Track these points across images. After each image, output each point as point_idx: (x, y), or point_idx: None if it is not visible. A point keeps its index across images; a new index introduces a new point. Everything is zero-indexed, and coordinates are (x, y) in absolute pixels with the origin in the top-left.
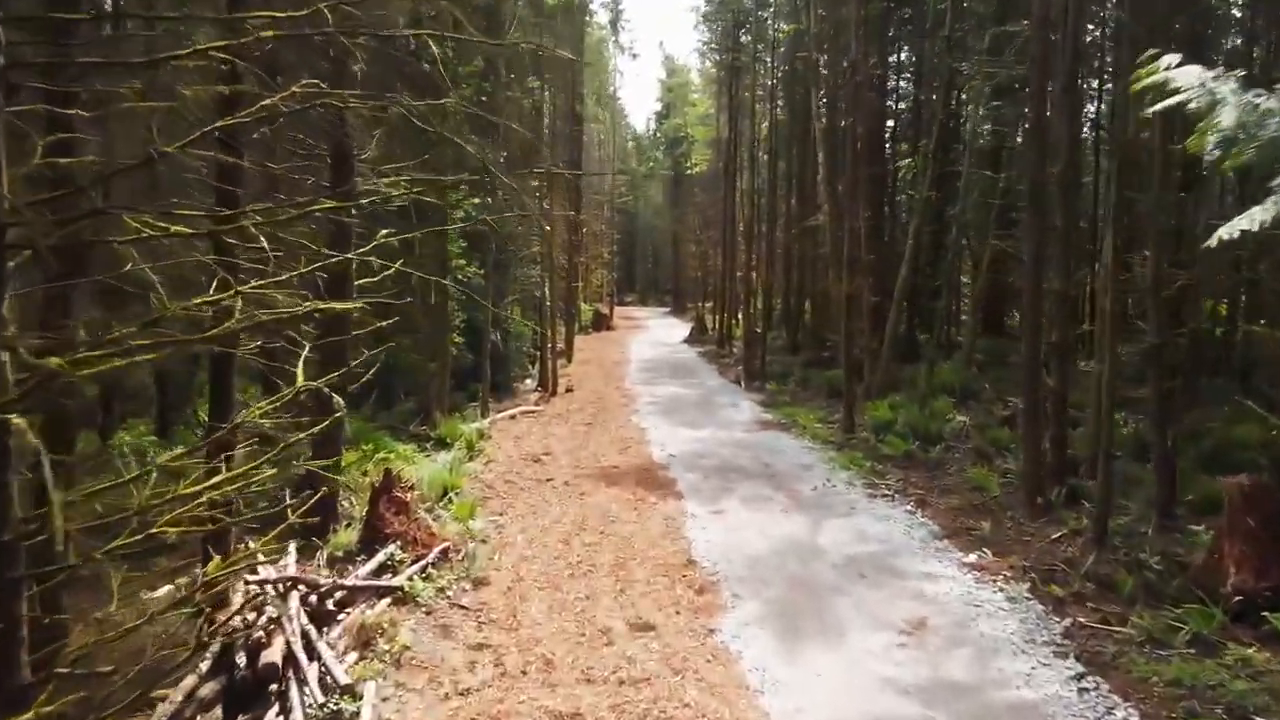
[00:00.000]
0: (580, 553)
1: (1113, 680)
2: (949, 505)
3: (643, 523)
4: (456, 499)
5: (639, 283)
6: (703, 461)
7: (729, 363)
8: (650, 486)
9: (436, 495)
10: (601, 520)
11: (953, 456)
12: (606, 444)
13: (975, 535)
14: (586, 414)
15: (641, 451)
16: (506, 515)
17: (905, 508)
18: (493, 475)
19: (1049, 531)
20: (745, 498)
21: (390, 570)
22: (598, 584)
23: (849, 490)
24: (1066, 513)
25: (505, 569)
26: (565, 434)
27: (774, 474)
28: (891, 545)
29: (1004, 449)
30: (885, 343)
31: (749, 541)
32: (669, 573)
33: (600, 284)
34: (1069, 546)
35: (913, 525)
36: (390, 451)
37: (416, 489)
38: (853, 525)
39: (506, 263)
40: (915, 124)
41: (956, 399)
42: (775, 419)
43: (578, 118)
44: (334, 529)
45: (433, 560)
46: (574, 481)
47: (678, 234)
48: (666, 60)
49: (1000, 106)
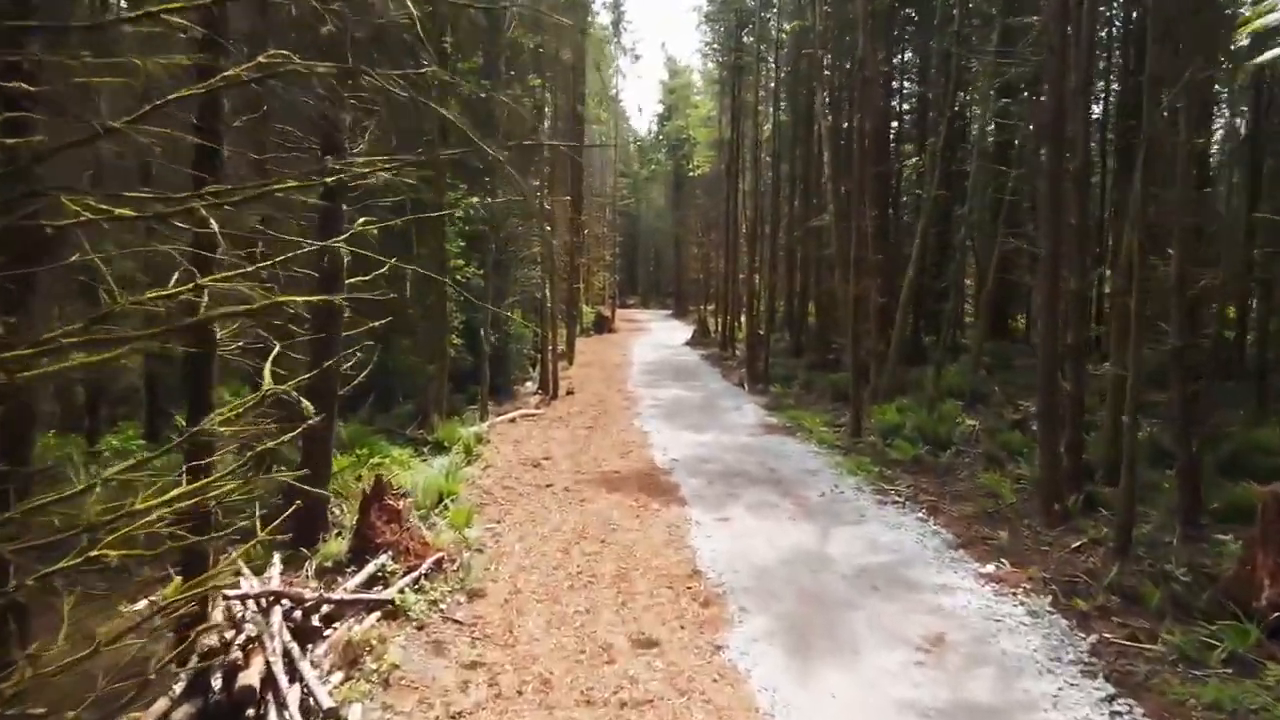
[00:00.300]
0: (580, 563)
1: (1146, 703)
2: (962, 512)
3: (645, 530)
4: (452, 506)
5: (641, 285)
6: (706, 466)
7: (732, 365)
8: (653, 492)
9: (432, 502)
10: (602, 528)
11: (963, 461)
12: (608, 448)
13: (991, 545)
14: (588, 417)
15: (644, 456)
16: (504, 523)
17: (917, 515)
18: (491, 480)
19: (1068, 540)
20: (751, 504)
21: (381, 582)
22: (598, 596)
23: (858, 496)
24: (1085, 521)
25: (502, 580)
26: (566, 438)
27: (780, 479)
28: (904, 555)
29: (1016, 454)
30: (892, 345)
31: (756, 551)
32: (673, 584)
33: (602, 286)
34: (1090, 557)
35: (925, 534)
36: (385, 456)
37: (410, 496)
38: (863, 533)
39: (507, 264)
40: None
41: (965, 402)
42: (780, 422)
43: (579, 118)
44: (324, 538)
45: (426, 571)
46: (574, 487)
47: (680, 236)
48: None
49: (1009, 104)
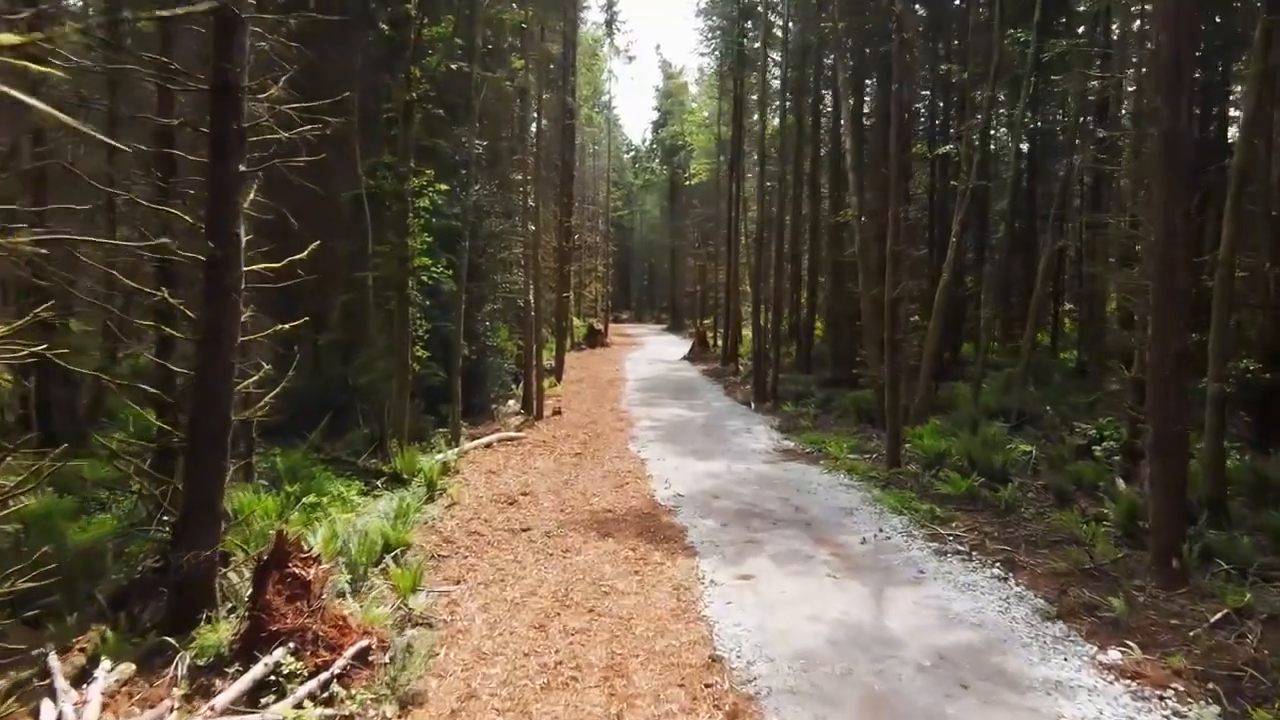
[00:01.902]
0: (561, 645)
1: None
2: (1049, 568)
3: (646, 594)
4: (401, 562)
5: (634, 300)
6: (718, 503)
7: (735, 382)
8: (654, 539)
9: (372, 557)
10: (591, 590)
11: (1026, 497)
12: (599, 480)
13: (1102, 617)
14: (576, 441)
15: (641, 490)
16: (466, 583)
17: (991, 571)
18: (455, 523)
19: (1201, 610)
20: (778, 555)
21: (274, 689)
22: (584, 704)
23: (909, 543)
24: (1208, 579)
25: (452, 675)
26: (549, 467)
27: (810, 520)
28: (988, 631)
29: (1089, 487)
30: (925, 358)
31: (794, 627)
32: (685, 681)
33: (595, 298)
34: (1242, 634)
35: (1009, 598)
36: (325, 494)
37: (320, 562)
38: (929, 598)
39: (485, 266)
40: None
41: (1010, 424)
42: (798, 447)
43: (570, 111)
44: (210, 618)
45: (343, 669)
46: (557, 532)
47: (676, 248)
48: (664, 65)
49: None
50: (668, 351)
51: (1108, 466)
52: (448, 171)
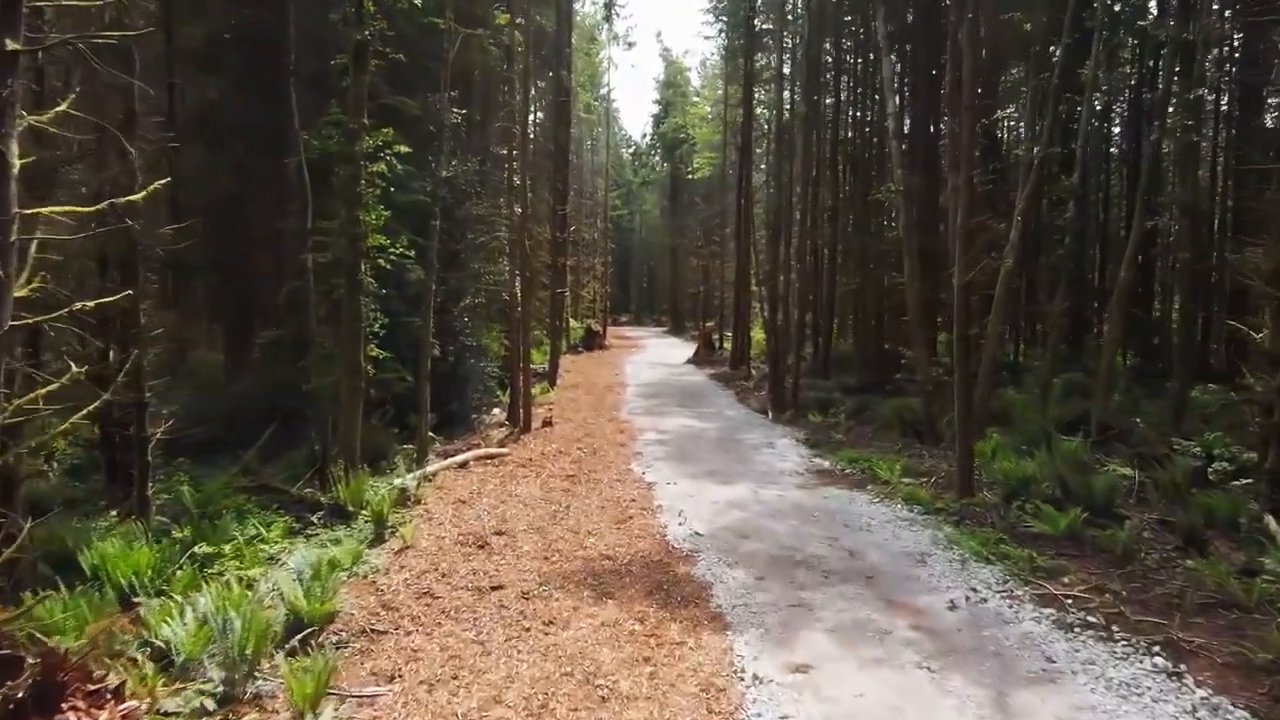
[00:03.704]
0: None
1: None
2: (1233, 654)
3: (661, 701)
4: (311, 647)
5: (634, 302)
6: (747, 546)
7: (748, 387)
8: (669, 601)
9: (263, 646)
10: (582, 695)
11: (1142, 537)
12: (595, 511)
13: None
14: (569, 459)
15: (649, 527)
16: (400, 684)
17: (1151, 661)
18: (402, 578)
19: None
20: (840, 629)
21: None
22: None
23: (1016, 610)
24: None
25: None
26: (535, 494)
27: (872, 573)
28: None
29: (1224, 524)
30: (984, 361)
31: None
32: None
33: (593, 299)
34: None
35: (1195, 711)
36: (231, 539)
37: (195, 652)
38: (1077, 712)
39: (466, 255)
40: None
41: (1090, 439)
42: (835, 467)
43: (565, 90)
44: None
45: None
46: (538, 592)
47: (677, 247)
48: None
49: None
50: (670, 354)
51: (1244, 497)
52: (420, 145)
